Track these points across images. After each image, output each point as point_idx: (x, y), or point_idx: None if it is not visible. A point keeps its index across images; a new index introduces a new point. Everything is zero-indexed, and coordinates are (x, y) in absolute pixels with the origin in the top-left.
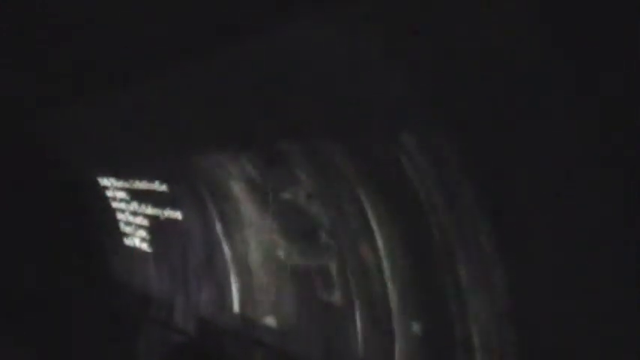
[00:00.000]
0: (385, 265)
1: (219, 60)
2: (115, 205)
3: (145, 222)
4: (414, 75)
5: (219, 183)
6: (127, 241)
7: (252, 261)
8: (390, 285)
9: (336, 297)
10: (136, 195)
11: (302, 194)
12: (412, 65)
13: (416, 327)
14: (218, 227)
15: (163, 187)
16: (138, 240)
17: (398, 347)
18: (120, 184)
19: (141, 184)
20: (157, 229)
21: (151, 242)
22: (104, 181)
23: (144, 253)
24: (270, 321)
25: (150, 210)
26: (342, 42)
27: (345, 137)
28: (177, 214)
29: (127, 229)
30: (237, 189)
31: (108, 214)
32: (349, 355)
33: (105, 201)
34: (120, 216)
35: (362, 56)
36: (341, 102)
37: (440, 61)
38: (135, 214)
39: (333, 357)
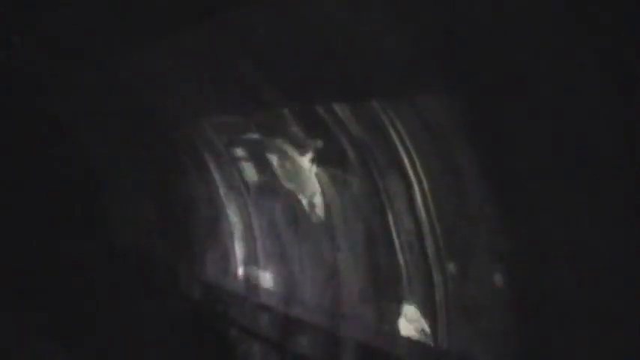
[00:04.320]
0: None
1: (222, 25)
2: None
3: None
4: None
5: (223, 147)
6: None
7: (256, 226)
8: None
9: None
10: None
11: (307, 158)
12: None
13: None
14: (222, 192)
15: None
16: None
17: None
18: None
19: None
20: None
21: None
22: None
23: (148, 219)
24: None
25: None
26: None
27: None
28: (181, 179)
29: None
30: (242, 153)
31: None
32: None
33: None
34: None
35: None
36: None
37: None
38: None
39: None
